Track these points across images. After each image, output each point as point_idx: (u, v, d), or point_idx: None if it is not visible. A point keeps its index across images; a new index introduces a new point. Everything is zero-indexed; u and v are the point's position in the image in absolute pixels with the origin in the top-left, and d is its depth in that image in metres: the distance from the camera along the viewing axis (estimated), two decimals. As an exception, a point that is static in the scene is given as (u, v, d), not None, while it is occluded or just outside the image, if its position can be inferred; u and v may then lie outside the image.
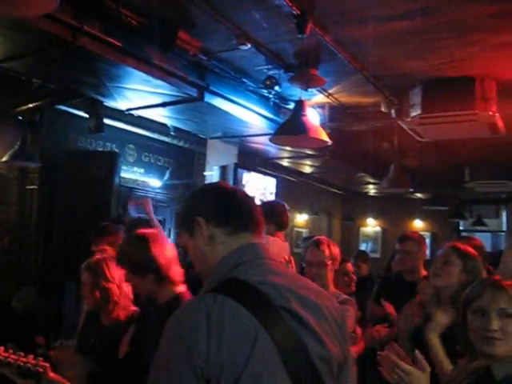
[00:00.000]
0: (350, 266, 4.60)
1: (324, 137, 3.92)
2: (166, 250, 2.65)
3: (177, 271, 2.64)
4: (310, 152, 7.68)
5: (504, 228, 12.59)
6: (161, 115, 6.34)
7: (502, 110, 5.12)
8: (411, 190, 7.08)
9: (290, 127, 3.94)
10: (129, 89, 5.15)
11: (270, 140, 4.29)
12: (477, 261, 2.80)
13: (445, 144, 7.38)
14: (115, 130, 6.80)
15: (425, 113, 5.25)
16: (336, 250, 3.40)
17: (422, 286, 3.50)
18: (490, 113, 4.93)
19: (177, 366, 1.30)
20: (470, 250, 2.90)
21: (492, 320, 1.89)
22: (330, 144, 4.14)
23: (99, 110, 5.65)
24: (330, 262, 3.28)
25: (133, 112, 6.21)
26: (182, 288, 2.63)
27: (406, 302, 3.98)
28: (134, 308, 3.10)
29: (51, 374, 2.38)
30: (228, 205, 1.60)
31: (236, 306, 1.34)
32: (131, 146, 7.52)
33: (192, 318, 1.34)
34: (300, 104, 4.02)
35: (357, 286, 4.62)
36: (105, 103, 5.79)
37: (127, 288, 3.14)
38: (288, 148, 7.40)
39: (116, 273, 3.13)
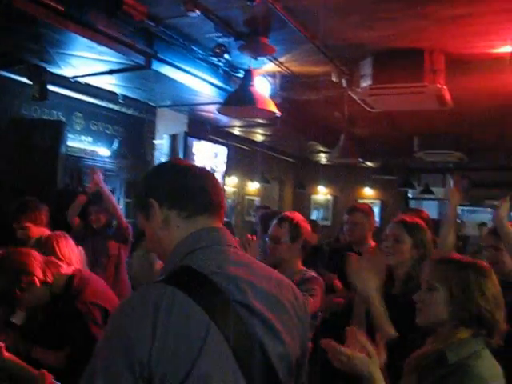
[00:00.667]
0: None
1: (272, 108, 3.88)
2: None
3: None
4: (261, 121, 7.62)
5: (450, 196, 12.92)
6: (108, 83, 6.16)
7: (450, 83, 5.18)
8: (361, 160, 7.13)
9: (238, 98, 3.88)
10: (73, 55, 4.96)
11: (218, 111, 4.21)
12: (426, 233, 2.86)
13: (395, 114, 7.45)
14: (61, 97, 6.58)
15: (375, 84, 5.25)
16: (304, 227, 3.33)
17: (367, 249, 3.55)
18: (438, 85, 4.98)
19: (113, 360, 1.21)
20: (419, 222, 2.94)
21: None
22: (279, 115, 4.10)
23: (43, 77, 5.43)
24: (288, 240, 3.24)
25: (79, 79, 6.00)
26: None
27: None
28: None
29: (6, 354, 2.33)
30: (183, 186, 1.49)
31: (187, 300, 1.25)
32: (78, 113, 7.30)
33: (137, 309, 1.25)
34: (249, 74, 3.95)
35: (308, 256, 4.64)
36: (49, 69, 5.56)
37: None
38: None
39: (68, 251, 3.05)
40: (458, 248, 10.71)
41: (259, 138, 9.85)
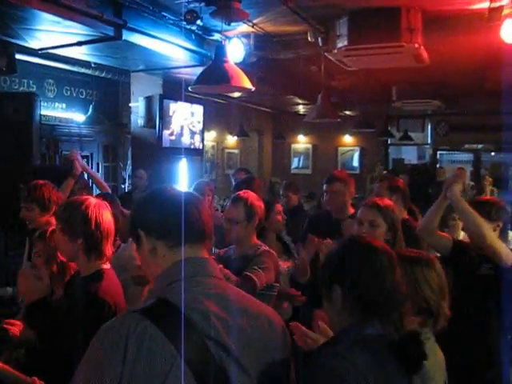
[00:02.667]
0: (279, 207, 4.60)
1: (247, 84, 3.79)
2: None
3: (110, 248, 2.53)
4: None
5: (429, 141, 12.97)
6: (78, 53, 5.96)
7: (427, 40, 5.09)
8: (339, 120, 7.07)
9: (211, 76, 3.77)
10: (38, 30, 4.78)
11: (191, 89, 4.10)
12: (396, 215, 2.93)
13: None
14: (31, 65, 6.41)
15: (351, 44, 5.15)
16: (258, 206, 3.37)
17: (347, 225, 3.58)
18: (416, 45, 4.89)
19: None
20: (390, 204, 2.96)
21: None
22: (253, 89, 4.01)
23: (9, 51, 5.25)
24: (244, 220, 3.27)
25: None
26: (107, 265, 2.54)
27: (333, 238, 4.11)
28: None
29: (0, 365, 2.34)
30: (169, 216, 1.52)
31: (158, 335, 1.31)
32: (50, 80, 7.14)
33: (111, 340, 1.33)
34: (221, 49, 3.82)
35: (288, 216, 4.65)
36: (16, 42, 5.36)
37: None
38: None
39: None
40: (436, 193, 10.90)
41: (236, 94, 9.69)
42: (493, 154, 15.04)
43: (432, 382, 1.74)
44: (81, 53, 5.95)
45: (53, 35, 4.97)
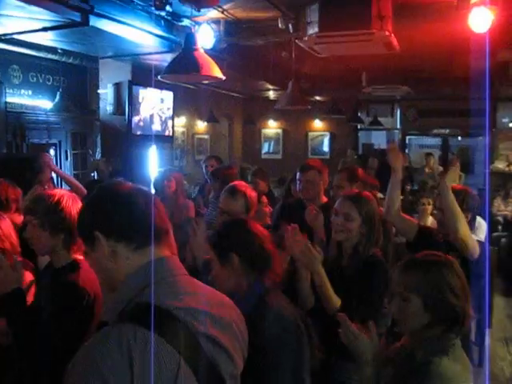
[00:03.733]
0: (265, 199, 4.58)
1: (217, 73, 3.75)
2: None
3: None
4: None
5: (398, 126, 13.09)
6: (45, 39, 5.82)
7: (397, 27, 5.10)
8: (309, 107, 7.07)
9: (181, 65, 3.71)
10: (1, 15, 4.64)
11: (161, 77, 4.04)
12: (373, 208, 2.90)
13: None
14: (-6, 51, 6.23)
15: (321, 32, 5.11)
16: (254, 197, 3.34)
17: (312, 217, 3.55)
18: (386, 32, 4.88)
19: None
20: (367, 196, 2.96)
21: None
22: (224, 78, 3.97)
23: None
24: (244, 212, 3.21)
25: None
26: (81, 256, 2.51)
27: (305, 226, 4.10)
28: None
29: None
30: (128, 217, 1.45)
31: (159, 342, 1.28)
32: (15, 66, 6.97)
33: (112, 355, 1.25)
34: (191, 38, 3.77)
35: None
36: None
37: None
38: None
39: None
40: (403, 180, 11.03)
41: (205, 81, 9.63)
42: (460, 138, 15.29)
43: None
44: (47, 38, 5.82)
45: (17, 21, 4.83)
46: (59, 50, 6.60)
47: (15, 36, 5.60)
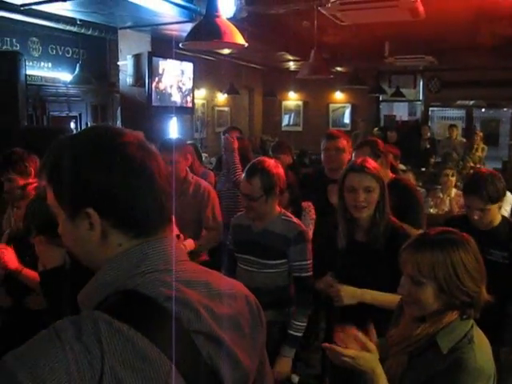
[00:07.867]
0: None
1: (240, 40, 3.66)
2: None
3: None
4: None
5: (421, 97, 12.85)
6: (63, 9, 5.75)
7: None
8: (331, 76, 6.94)
9: (202, 32, 3.62)
10: (21, -15, 4.60)
11: (182, 45, 3.96)
12: (383, 178, 2.81)
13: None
14: (14, 22, 6.20)
15: (345, -2, 5.02)
16: (276, 174, 3.03)
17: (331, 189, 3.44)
18: (412, -1, 4.77)
19: None
20: (377, 167, 2.84)
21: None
22: (246, 45, 3.87)
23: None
24: (262, 194, 2.98)
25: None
26: None
27: (326, 198, 4.00)
28: None
29: None
30: (133, 198, 1.12)
31: (144, 343, 1.01)
32: (34, 39, 6.93)
33: (72, 361, 0.94)
34: (212, 4, 3.67)
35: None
36: (-4, -2, 5.17)
37: None
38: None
39: None
40: (425, 150, 10.81)
41: (226, 51, 9.51)
42: (483, 110, 15.00)
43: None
44: (65, 9, 5.75)
45: (36, -10, 4.79)
46: (78, 22, 6.55)
47: (34, 6, 5.54)
